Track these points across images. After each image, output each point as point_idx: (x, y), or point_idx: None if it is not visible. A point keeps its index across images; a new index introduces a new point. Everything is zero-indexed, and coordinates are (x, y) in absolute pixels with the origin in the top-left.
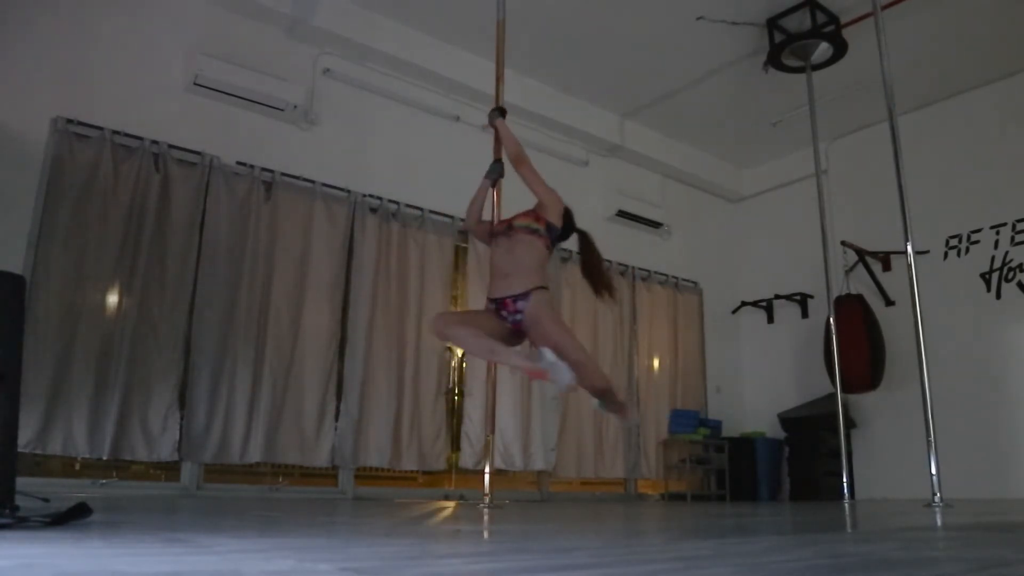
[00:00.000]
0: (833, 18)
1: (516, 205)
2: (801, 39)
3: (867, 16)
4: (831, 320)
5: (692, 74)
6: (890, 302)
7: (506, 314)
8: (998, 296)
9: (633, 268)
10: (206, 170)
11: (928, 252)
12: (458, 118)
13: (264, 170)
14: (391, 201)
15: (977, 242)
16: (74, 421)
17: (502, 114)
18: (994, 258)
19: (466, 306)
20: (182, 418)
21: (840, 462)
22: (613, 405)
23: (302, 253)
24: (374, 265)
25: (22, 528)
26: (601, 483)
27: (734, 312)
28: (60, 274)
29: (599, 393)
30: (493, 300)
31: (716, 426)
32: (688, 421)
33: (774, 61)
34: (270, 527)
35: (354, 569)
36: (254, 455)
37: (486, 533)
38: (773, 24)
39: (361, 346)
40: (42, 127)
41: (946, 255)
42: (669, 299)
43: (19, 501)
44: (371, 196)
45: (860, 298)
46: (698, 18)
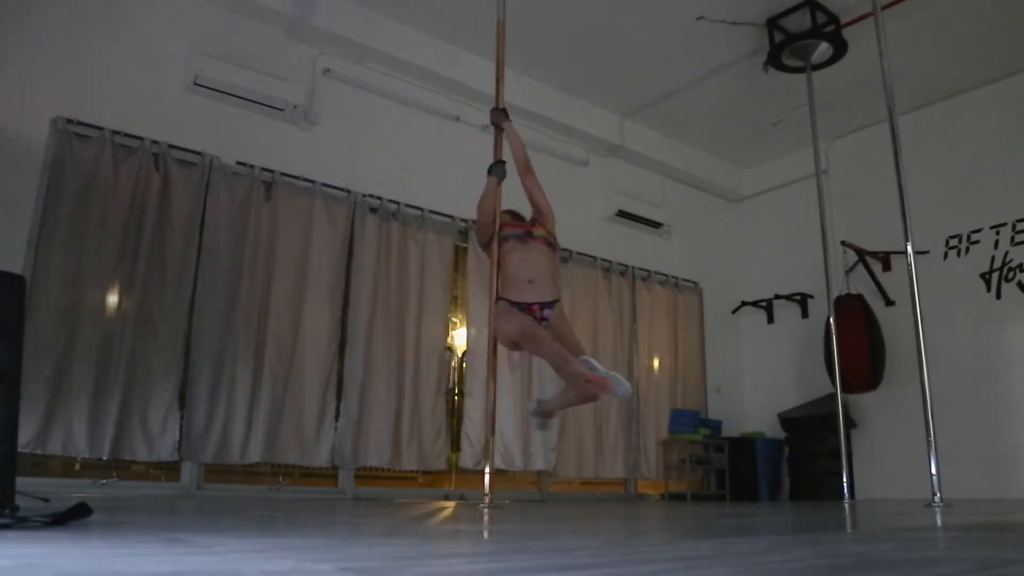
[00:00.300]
0: (833, 18)
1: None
2: (801, 39)
3: (867, 16)
4: (831, 320)
5: (692, 74)
6: (890, 302)
7: (539, 316)
8: (998, 296)
9: (633, 268)
10: (206, 170)
11: (928, 252)
12: (458, 118)
13: (264, 170)
14: (391, 201)
15: (977, 242)
16: (74, 421)
17: (506, 116)
18: (994, 258)
19: (466, 306)
20: (182, 418)
21: (840, 462)
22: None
23: (302, 253)
24: (374, 265)
25: (22, 528)
26: (601, 483)
27: (734, 312)
28: (60, 274)
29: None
30: (517, 303)
31: (716, 426)
32: (688, 421)
33: (774, 61)
34: (270, 527)
35: (354, 569)
36: (254, 455)
37: (486, 533)
38: (773, 24)
39: (361, 346)
40: (42, 127)
41: (946, 255)
42: (669, 299)
43: (19, 501)
44: (371, 196)
45: (860, 298)
46: (698, 18)
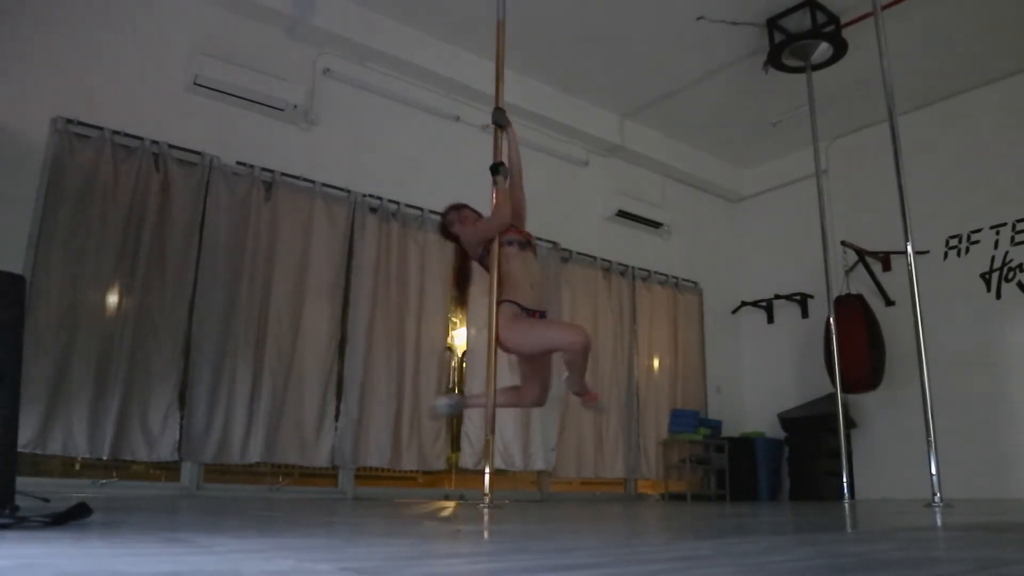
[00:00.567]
0: (833, 18)
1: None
2: (801, 39)
3: (867, 16)
4: (831, 320)
5: (692, 74)
6: (890, 302)
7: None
8: (998, 296)
9: (633, 268)
10: (206, 170)
11: (928, 252)
12: (458, 118)
13: (264, 170)
14: (391, 201)
15: (977, 242)
16: (74, 421)
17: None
18: (994, 258)
19: (466, 307)
20: (182, 418)
21: (840, 462)
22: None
23: (302, 253)
24: (374, 265)
25: (22, 528)
26: (601, 483)
27: (734, 312)
28: (60, 274)
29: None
30: (527, 309)
31: (716, 426)
32: (688, 421)
33: (774, 61)
34: (270, 527)
35: (354, 569)
36: (254, 455)
37: (486, 533)
38: (773, 24)
39: (361, 346)
40: (42, 127)
41: (946, 255)
42: (669, 299)
43: (19, 501)
44: (371, 196)
45: (860, 298)
46: (698, 18)
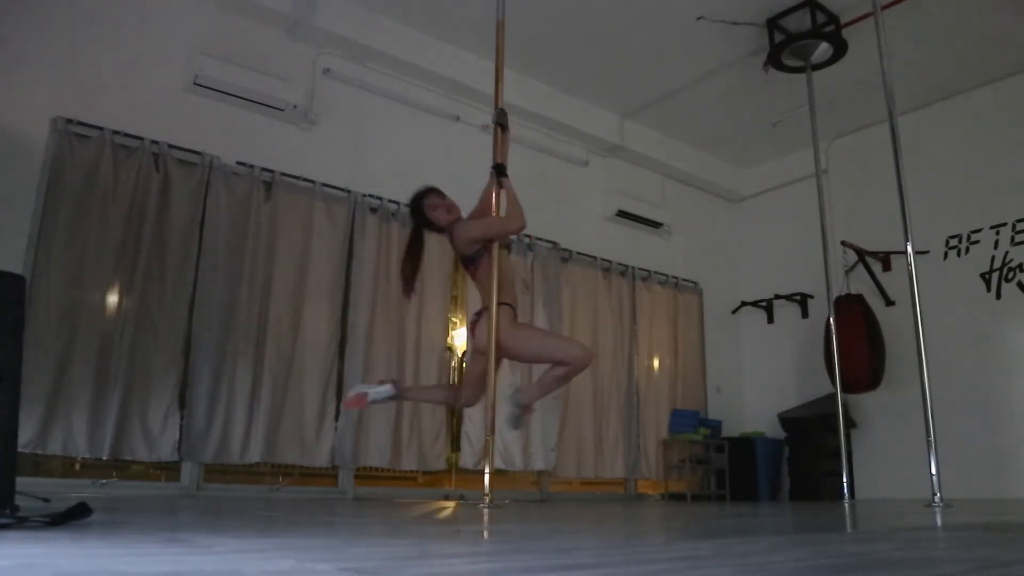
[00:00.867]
0: (833, 18)
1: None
2: (801, 39)
3: (867, 16)
4: (831, 320)
5: (692, 74)
6: (890, 302)
7: None
8: (998, 296)
9: (633, 268)
10: (206, 170)
11: (928, 252)
12: (458, 118)
13: (264, 170)
14: (391, 201)
15: (977, 242)
16: (74, 421)
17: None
18: (994, 258)
19: (467, 307)
20: (182, 418)
21: (840, 462)
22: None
23: (302, 253)
24: (374, 265)
25: (22, 528)
26: (601, 483)
27: (734, 312)
28: (60, 274)
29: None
30: (514, 310)
31: (716, 426)
32: (688, 421)
33: (774, 61)
34: (270, 527)
35: (354, 569)
36: (254, 455)
37: (486, 533)
38: (773, 24)
39: (361, 346)
40: (42, 127)
41: (946, 255)
42: (669, 299)
43: (19, 501)
44: (371, 196)
45: (860, 298)
46: (698, 18)
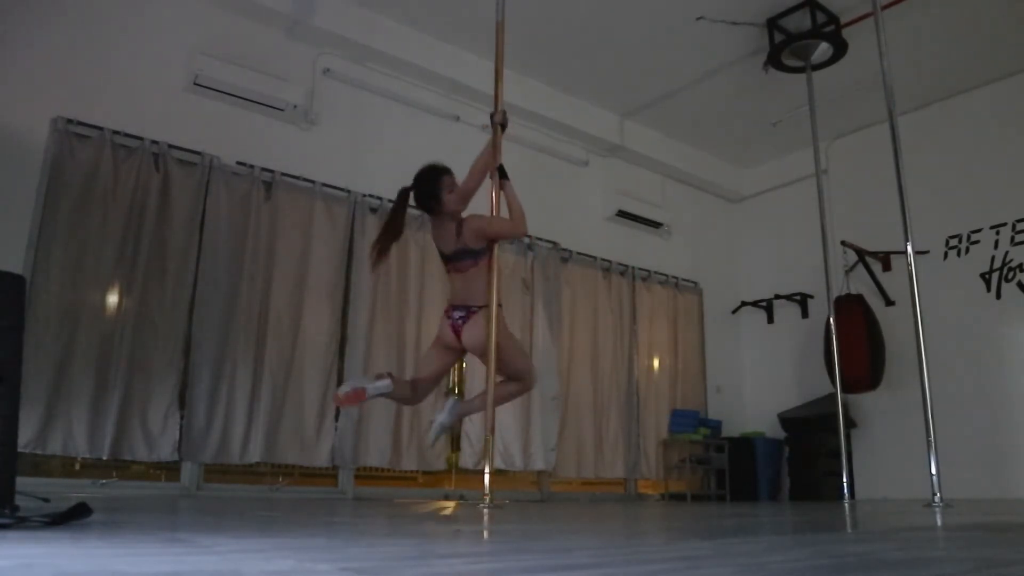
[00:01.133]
0: (833, 18)
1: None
2: (801, 39)
3: (867, 16)
4: (831, 320)
5: (692, 74)
6: (890, 302)
7: None
8: (998, 296)
9: (633, 268)
10: (206, 170)
11: (928, 252)
12: (458, 118)
13: (264, 170)
14: (391, 201)
15: (977, 242)
16: (74, 421)
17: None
18: (994, 258)
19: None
20: (182, 418)
21: (840, 462)
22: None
23: (302, 253)
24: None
25: (22, 528)
26: (601, 483)
27: (734, 312)
28: (60, 274)
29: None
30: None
31: (716, 426)
32: (688, 421)
33: (774, 61)
34: (270, 527)
35: (354, 569)
36: (254, 455)
37: (486, 533)
38: (773, 24)
39: (361, 346)
40: (42, 127)
41: (946, 255)
42: (669, 299)
43: (19, 501)
44: (371, 196)
45: (860, 298)
46: (698, 18)
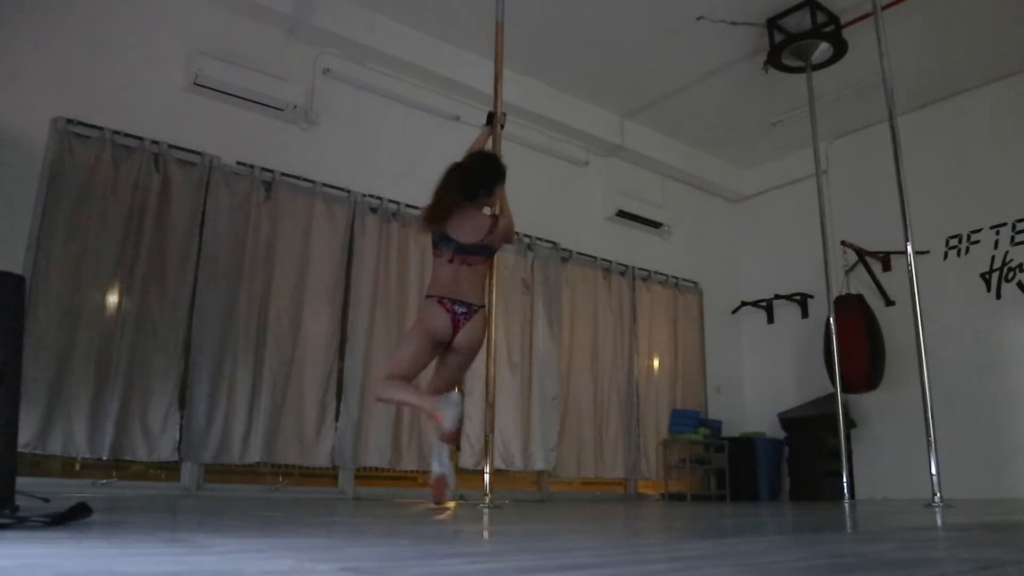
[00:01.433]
0: (833, 18)
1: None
2: (801, 39)
3: (867, 16)
4: (831, 320)
5: (692, 74)
6: (890, 302)
7: None
8: (998, 296)
9: (633, 268)
10: (206, 170)
11: (928, 252)
12: (458, 118)
13: (264, 170)
14: (391, 201)
15: (977, 242)
16: (74, 421)
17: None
18: (994, 258)
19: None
20: (182, 418)
21: (840, 462)
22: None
23: (302, 253)
24: (374, 265)
25: (22, 528)
26: (601, 483)
27: (734, 312)
28: (60, 274)
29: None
30: None
31: (716, 426)
32: (688, 421)
33: (774, 61)
34: (270, 527)
35: (354, 569)
36: (254, 455)
37: (486, 533)
38: (773, 24)
39: (361, 346)
40: (42, 127)
41: (946, 255)
42: (669, 299)
43: (19, 501)
44: (371, 196)
45: (860, 298)
46: (698, 18)
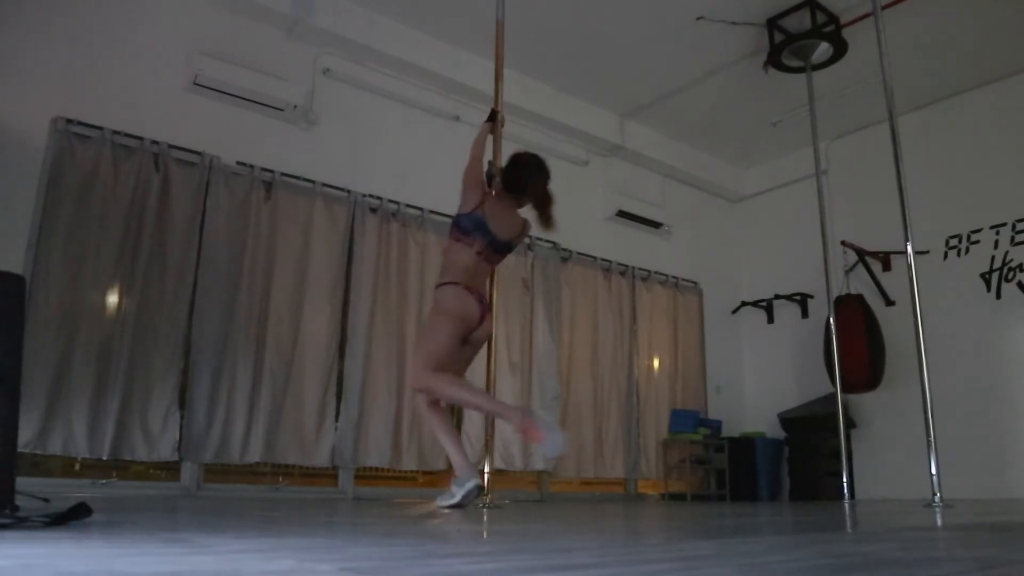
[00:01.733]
0: (833, 18)
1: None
2: (801, 39)
3: (867, 16)
4: (831, 320)
5: (692, 74)
6: (890, 302)
7: None
8: (998, 296)
9: (633, 268)
10: (206, 170)
11: (928, 252)
12: (458, 118)
13: (264, 170)
14: (391, 201)
15: (977, 242)
16: (74, 421)
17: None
18: (994, 258)
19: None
20: (182, 418)
21: (840, 462)
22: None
23: (302, 253)
24: (374, 265)
25: (22, 528)
26: (601, 483)
27: (734, 312)
28: (60, 274)
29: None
30: None
31: (716, 426)
32: (688, 421)
33: (774, 61)
34: (270, 527)
35: (354, 569)
36: (254, 455)
37: (486, 533)
38: (773, 24)
39: (361, 346)
40: (42, 127)
41: (946, 255)
42: (669, 299)
43: (19, 501)
44: (371, 196)
45: (860, 298)
46: (698, 18)
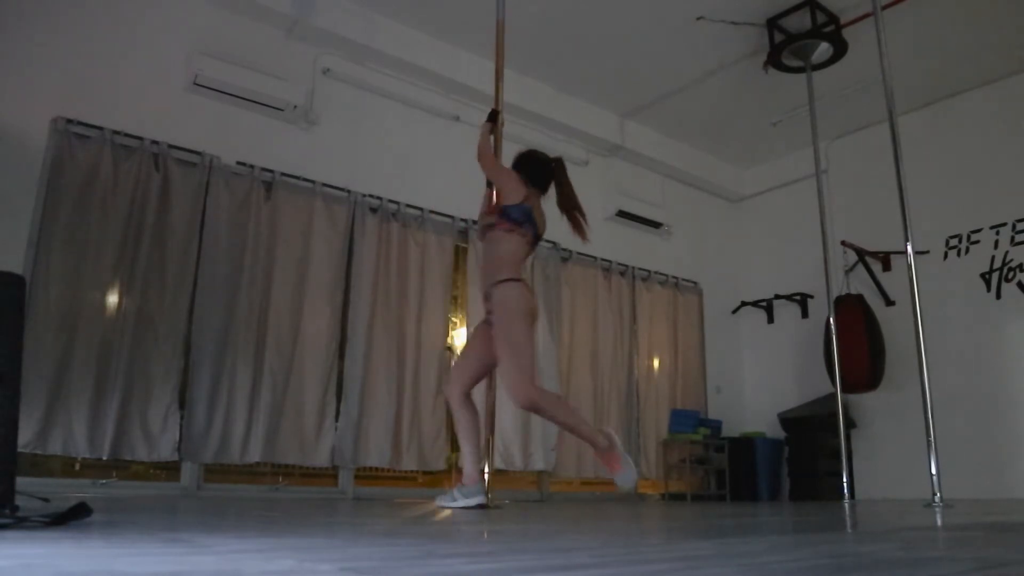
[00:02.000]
0: (833, 18)
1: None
2: (801, 39)
3: (867, 16)
4: (831, 320)
5: (692, 74)
6: (890, 302)
7: (488, 308)
8: (998, 296)
9: (633, 268)
10: (206, 170)
11: (928, 252)
12: (458, 118)
13: (264, 170)
14: (391, 201)
15: (977, 242)
16: (74, 421)
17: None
18: (994, 258)
19: (467, 307)
20: (182, 418)
21: (840, 462)
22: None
23: (302, 253)
24: (374, 265)
25: (22, 528)
26: (601, 483)
27: (734, 312)
28: (60, 274)
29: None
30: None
31: (716, 426)
32: (688, 421)
33: (774, 61)
34: (270, 527)
35: (354, 569)
36: (254, 455)
37: (486, 533)
38: (773, 24)
39: (361, 346)
40: (42, 127)
41: (946, 255)
42: (669, 299)
43: (19, 501)
44: (371, 196)
45: (860, 298)
46: (698, 18)
